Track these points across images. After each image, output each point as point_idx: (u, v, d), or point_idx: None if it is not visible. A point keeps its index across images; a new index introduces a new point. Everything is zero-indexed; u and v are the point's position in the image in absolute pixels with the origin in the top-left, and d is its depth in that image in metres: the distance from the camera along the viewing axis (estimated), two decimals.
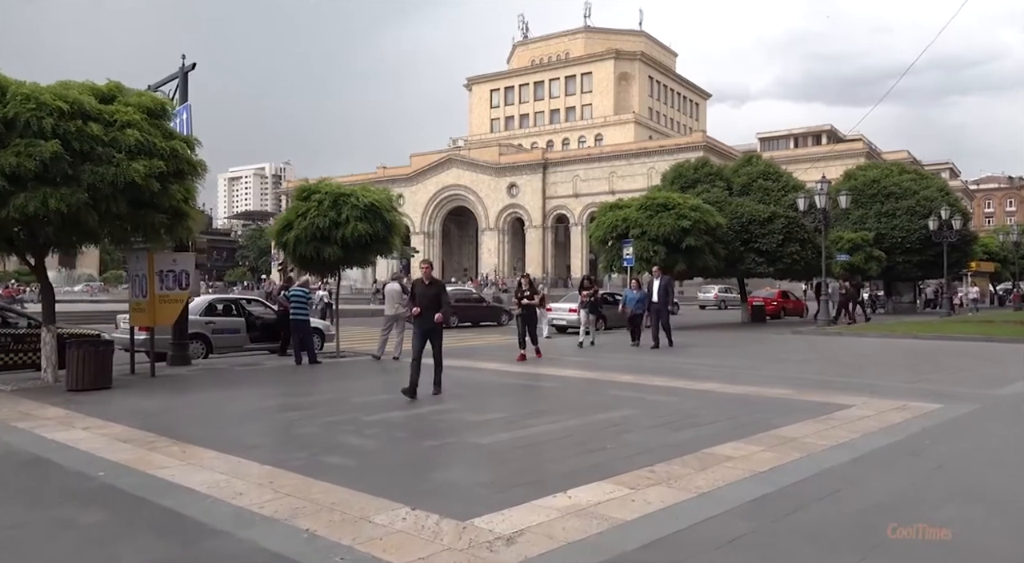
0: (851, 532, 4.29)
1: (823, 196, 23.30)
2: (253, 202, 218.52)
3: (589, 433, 7.15)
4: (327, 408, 8.85)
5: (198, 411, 8.70)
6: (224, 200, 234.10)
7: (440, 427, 7.54)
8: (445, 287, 10.04)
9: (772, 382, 10.74)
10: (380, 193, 14.64)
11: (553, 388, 10.47)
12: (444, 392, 9.69)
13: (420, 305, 9.32)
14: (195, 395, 10.00)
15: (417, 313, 9.34)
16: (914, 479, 5.53)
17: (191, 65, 13.59)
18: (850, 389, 9.97)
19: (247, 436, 7.08)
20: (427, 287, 9.49)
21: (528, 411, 8.48)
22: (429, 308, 9.29)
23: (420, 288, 9.54)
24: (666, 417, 7.98)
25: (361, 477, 5.48)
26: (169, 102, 11.30)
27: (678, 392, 9.88)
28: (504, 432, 7.15)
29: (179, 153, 10.63)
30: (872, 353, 15.81)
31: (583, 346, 16.51)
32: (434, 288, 9.53)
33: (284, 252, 14.68)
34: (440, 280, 10.02)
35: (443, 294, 9.56)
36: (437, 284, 9.70)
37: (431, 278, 9.60)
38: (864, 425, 7.43)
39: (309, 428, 7.42)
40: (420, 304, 9.34)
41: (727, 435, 6.93)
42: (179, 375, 12.06)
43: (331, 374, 12.49)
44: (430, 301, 9.32)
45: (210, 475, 5.52)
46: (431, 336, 9.38)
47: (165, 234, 11.22)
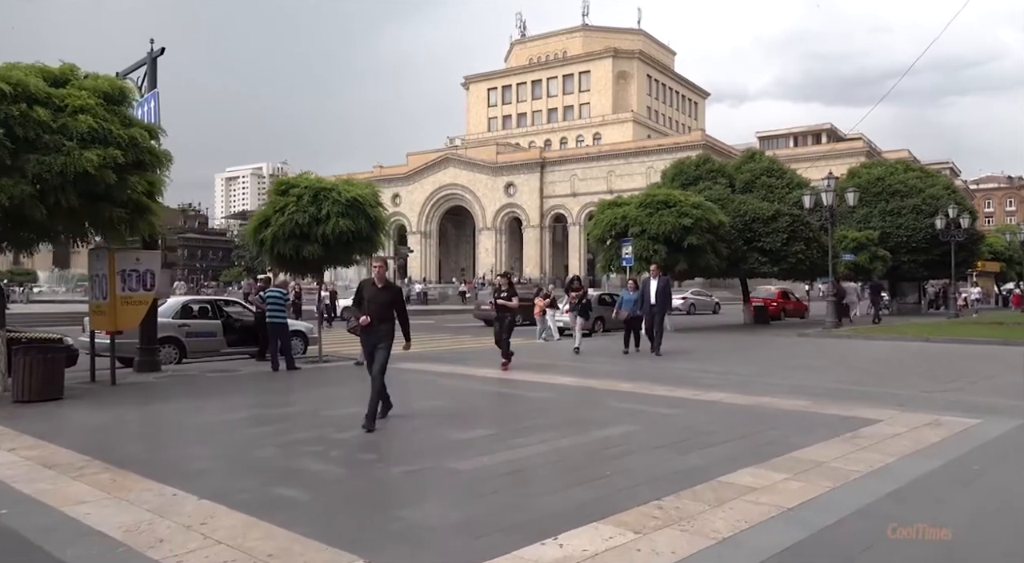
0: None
1: (830, 193, 22.42)
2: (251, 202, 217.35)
3: (585, 455, 6.27)
4: (294, 423, 7.96)
5: (150, 427, 7.81)
6: (221, 200, 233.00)
7: (417, 447, 6.65)
8: (402, 293, 8.22)
9: (785, 392, 9.87)
10: (363, 187, 13.74)
11: (546, 399, 9.59)
12: (426, 404, 8.82)
13: (369, 313, 7.49)
14: (153, 407, 9.11)
15: (366, 323, 7.46)
16: (973, 519, 4.66)
17: (160, 50, 12.69)
18: (871, 400, 9.10)
19: (195, 459, 6.19)
20: (379, 291, 7.63)
21: (517, 427, 7.60)
22: (382, 318, 7.52)
23: (370, 292, 7.62)
24: (671, 435, 7.10)
25: (314, 516, 4.61)
26: (130, 86, 10.40)
27: (683, 403, 9.00)
28: (488, 454, 6.27)
29: (139, 142, 9.72)
30: (886, 358, 14.94)
31: (577, 351, 15.36)
32: (388, 293, 7.68)
33: (261, 251, 13.77)
34: (396, 284, 8.17)
35: (399, 302, 7.80)
36: (392, 289, 7.85)
37: (385, 281, 7.74)
38: (897, 445, 6.56)
39: (268, 449, 6.54)
40: (369, 311, 7.50)
41: (743, 458, 6.05)
42: (143, 383, 11.17)
43: (308, 382, 11.61)
44: (382, 310, 7.57)
45: (134, 514, 4.63)
46: (378, 352, 7.53)
47: (125, 230, 10.35)
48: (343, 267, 15.15)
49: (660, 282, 15.87)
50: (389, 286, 7.77)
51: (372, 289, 7.65)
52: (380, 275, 7.66)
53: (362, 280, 8.05)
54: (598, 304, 22.88)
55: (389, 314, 7.60)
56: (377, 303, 7.56)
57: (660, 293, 15.61)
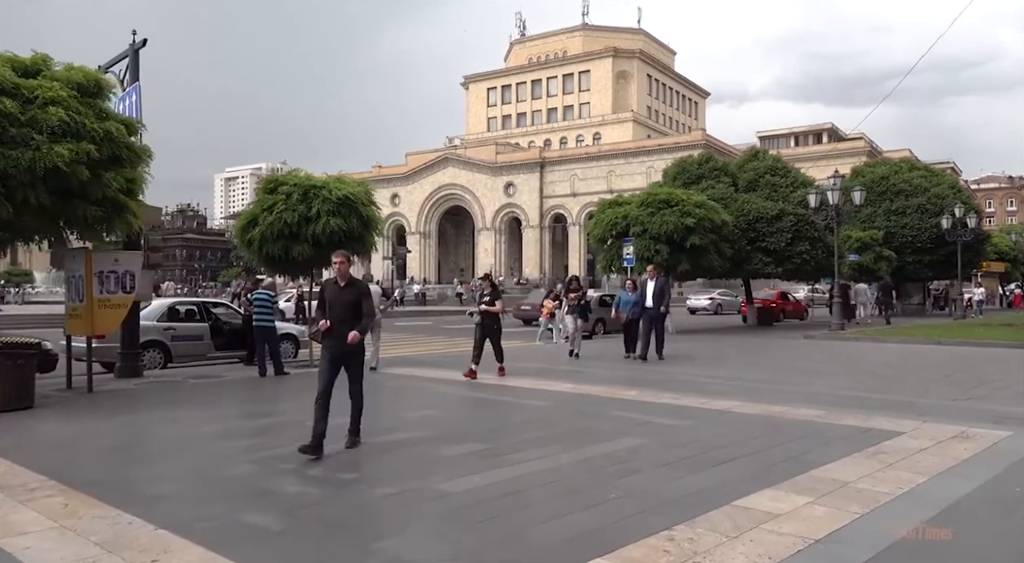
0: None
1: (836, 192, 21.90)
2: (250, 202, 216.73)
3: (586, 474, 5.74)
4: (274, 436, 7.42)
5: (118, 440, 7.28)
6: (221, 200, 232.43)
7: (403, 465, 6.12)
8: (369, 291, 6.94)
9: (797, 399, 9.34)
10: (355, 185, 13.21)
11: (544, 408, 9.06)
12: (416, 415, 8.29)
13: (332, 316, 6.46)
14: (126, 417, 8.58)
15: (326, 328, 6.42)
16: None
17: (142, 41, 12.17)
18: (890, 409, 8.58)
19: (160, 479, 5.66)
20: (342, 291, 6.55)
21: (513, 440, 7.07)
22: (345, 321, 6.41)
23: (332, 292, 6.59)
24: (680, 449, 6.58)
25: (281, 550, 4.09)
26: (107, 78, 9.86)
27: (690, 413, 8.48)
28: (480, 473, 5.74)
29: (115, 137, 9.17)
30: (898, 362, 14.42)
31: (577, 356, 14.67)
32: (351, 292, 6.56)
33: (249, 251, 13.24)
34: (362, 281, 6.95)
35: (366, 301, 6.61)
36: (357, 286, 6.66)
37: (349, 278, 6.62)
38: (926, 462, 6.03)
39: (242, 466, 6.01)
40: (331, 315, 6.48)
41: (760, 477, 5.53)
42: (122, 390, 10.63)
43: (296, 388, 11.07)
44: (346, 312, 6.47)
45: (78, 547, 4.11)
46: (347, 363, 6.58)
47: (102, 229, 9.83)
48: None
49: (658, 283, 15.02)
50: (354, 284, 6.65)
51: (334, 289, 6.62)
52: (343, 272, 6.60)
53: (324, 279, 7.09)
54: (598, 305, 22.37)
55: (354, 315, 6.51)
56: (341, 304, 6.51)
57: (657, 295, 14.72)
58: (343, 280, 6.60)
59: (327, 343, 6.54)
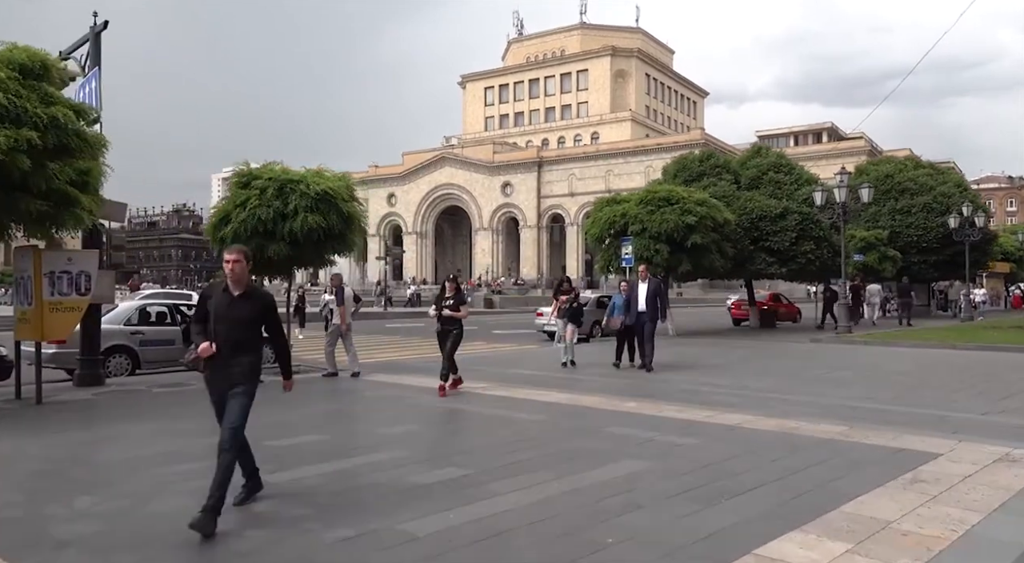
0: None
1: (843, 189, 21.06)
2: None
3: (580, 509, 4.89)
4: None
5: (47, 463, 6.40)
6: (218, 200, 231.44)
7: (367, 497, 5.25)
8: (275, 303, 4.87)
9: (814, 412, 8.50)
10: (336, 180, 12.32)
11: (534, 423, 8.19)
12: (391, 431, 7.44)
13: (217, 337, 4.63)
14: (69, 434, 7.70)
15: (208, 354, 4.61)
16: None
17: (103, 24, 11.29)
18: (918, 424, 7.74)
19: (76, 517, 4.80)
20: (235, 302, 4.67)
21: (498, 464, 6.21)
22: (238, 347, 4.64)
23: (220, 303, 4.70)
24: (689, 476, 5.72)
25: None
26: (54, 59, 8.98)
27: (696, 429, 7.63)
28: (456, 508, 4.89)
29: (61, 123, 8.32)
30: (914, 368, 13.58)
31: (573, 365, 13.32)
32: (249, 306, 4.69)
33: (222, 250, 12.35)
34: (264, 292, 4.97)
35: (269, 314, 4.79)
36: (257, 297, 4.78)
37: (246, 284, 4.77)
38: (975, 494, 5.19)
39: (177, 499, 5.14)
40: (216, 335, 4.64)
41: (784, 515, 4.68)
42: (75, 401, 9.75)
43: (265, 399, 10.10)
44: (240, 333, 4.66)
45: None
46: (231, 402, 4.70)
47: (50, 225, 8.97)
48: (316, 268, 13.73)
49: (651, 285, 13.27)
50: (252, 294, 4.76)
51: (223, 298, 4.70)
52: (237, 276, 4.68)
53: (208, 284, 5.15)
54: (596, 307, 21.54)
55: (252, 338, 4.73)
56: (231, 321, 4.64)
57: (651, 298, 13.05)
58: (238, 287, 4.70)
59: (210, 377, 4.72)
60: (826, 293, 27.73)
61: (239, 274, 4.71)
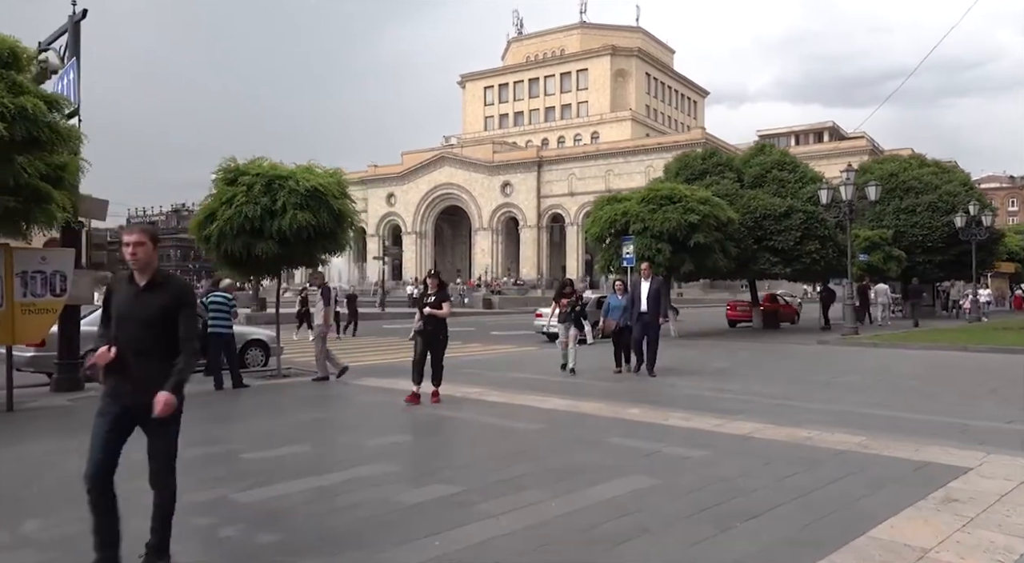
0: None
1: (849, 187, 20.58)
2: None
3: (579, 535, 4.41)
4: (198, 473, 6.06)
5: (1, 481, 5.92)
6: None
7: (345, 521, 4.78)
8: (190, 296, 3.86)
9: (828, 420, 8.03)
10: (326, 176, 11.85)
11: (532, 433, 7.72)
12: (379, 442, 6.97)
13: (119, 340, 3.68)
14: (31, 445, 7.23)
15: (107, 360, 3.64)
16: None
17: (82, 12, 10.82)
18: (941, 434, 7.27)
19: (14, 546, 4.33)
20: (141, 295, 3.71)
21: (491, 480, 5.73)
22: (143, 352, 3.67)
23: (124, 297, 3.74)
24: (699, 494, 5.25)
25: None
26: (23, 46, 8.50)
27: (705, 439, 7.15)
28: (444, 532, 4.41)
29: (30, 114, 7.85)
30: (927, 372, 13.10)
31: (573, 372, 12.43)
32: (157, 298, 3.71)
33: (207, 249, 11.90)
34: (179, 280, 4.09)
35: (184, 308, 3.76)
36: (168, 288, 3.77)
37: (154, 273, 3.74)
38: (1014, 514, 4.72)
39: (135, 520, 4.64)
40: (119, 338, 3.69)
41: (807, 541, 4.21)
42: (50, 407, 9.29)
43: (251, 405, 9.76)
44: (146, 333, 3.68)
45: None
46: (145, 426, 3.81)
47: (22, 222, 8.51)
48: (306, 267, 13.25)
49: (653, 285, 12.74)
50: (161, 283, 3.76)
51: (128, 291, 3.76)
52: (142, 262, 3.71)
53: (111, 279, 4.16)
54: (596, 307, 21.04)
55: (163, 341, 3.70)
56: (137, 320, 3.69)
57: (653, 298, 12.52)
58: (143, 275, 3.72)
59: (110, 387, 3.73)
60: (822, 293, 27.31)
61: (144, 260, 3.70)
